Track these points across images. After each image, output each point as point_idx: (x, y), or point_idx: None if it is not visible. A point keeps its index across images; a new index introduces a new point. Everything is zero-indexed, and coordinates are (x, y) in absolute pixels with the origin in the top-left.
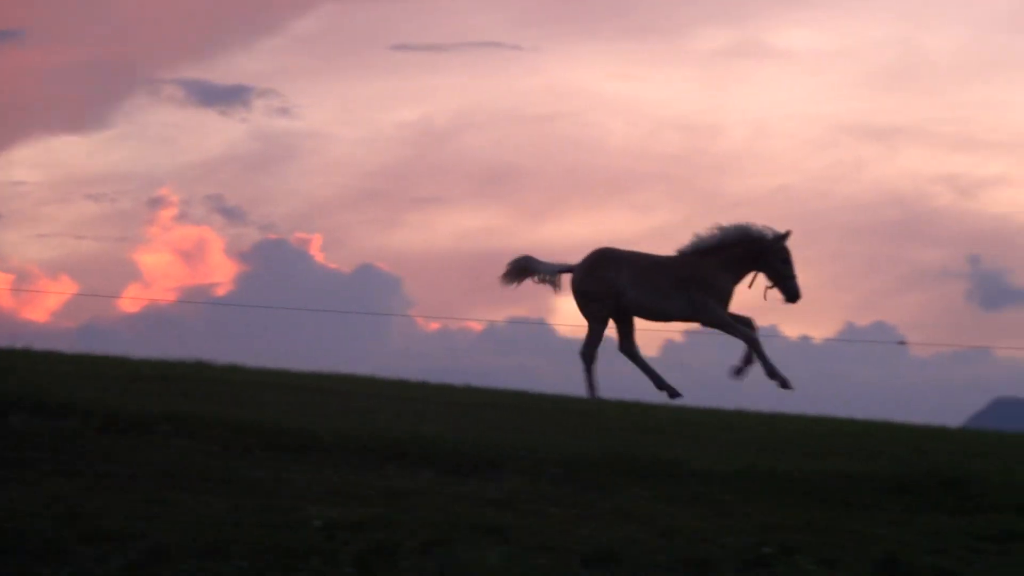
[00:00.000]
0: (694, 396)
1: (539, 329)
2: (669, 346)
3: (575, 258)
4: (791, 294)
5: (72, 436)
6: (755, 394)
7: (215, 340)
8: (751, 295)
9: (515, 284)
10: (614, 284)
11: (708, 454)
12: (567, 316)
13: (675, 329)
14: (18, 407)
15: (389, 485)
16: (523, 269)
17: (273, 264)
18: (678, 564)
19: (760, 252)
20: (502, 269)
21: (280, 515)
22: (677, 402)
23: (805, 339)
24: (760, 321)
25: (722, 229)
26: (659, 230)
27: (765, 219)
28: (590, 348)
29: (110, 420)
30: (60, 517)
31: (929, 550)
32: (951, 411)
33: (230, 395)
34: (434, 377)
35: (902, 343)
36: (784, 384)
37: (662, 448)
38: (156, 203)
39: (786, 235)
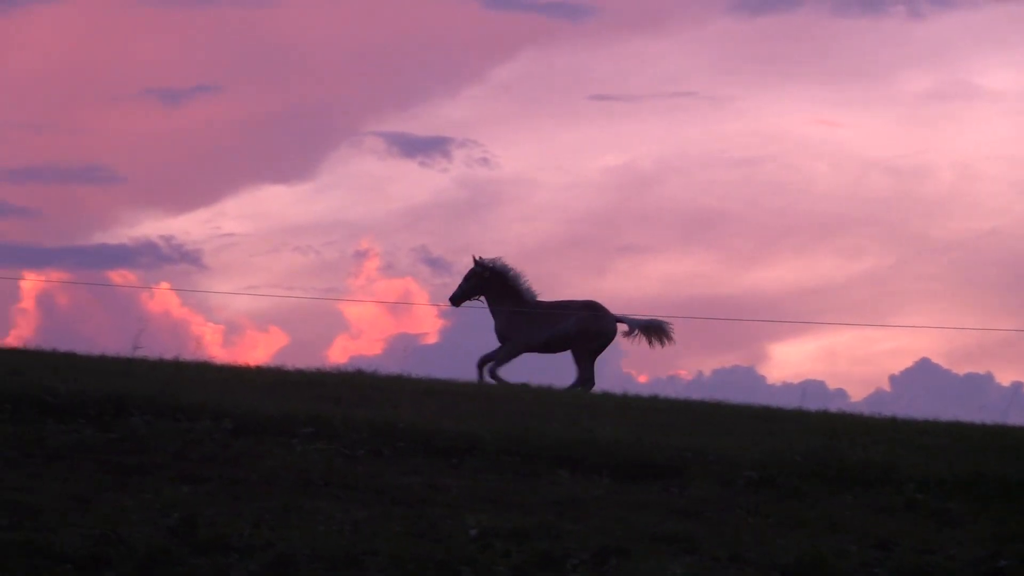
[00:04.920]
0: (900, 407)
1: (746, 376)
2: None
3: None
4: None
5: (201, 439)
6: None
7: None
8: None
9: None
10: None
11: (926, 460)
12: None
13: None
14: (143, 409)
15: (559, 492)
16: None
17: (477, 313)
18: None
19: None
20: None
21: (430, 524)
22: (885, 412)
23: (1017, 384)
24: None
25: None
26: (869, 274)
27: (975, 263)
28: None
29: (245, 422)
30: (176, 526)
31: None
32: None
33: (386, 400)
34: None
35: None
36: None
37: (872, 453)
38: (361, 255)
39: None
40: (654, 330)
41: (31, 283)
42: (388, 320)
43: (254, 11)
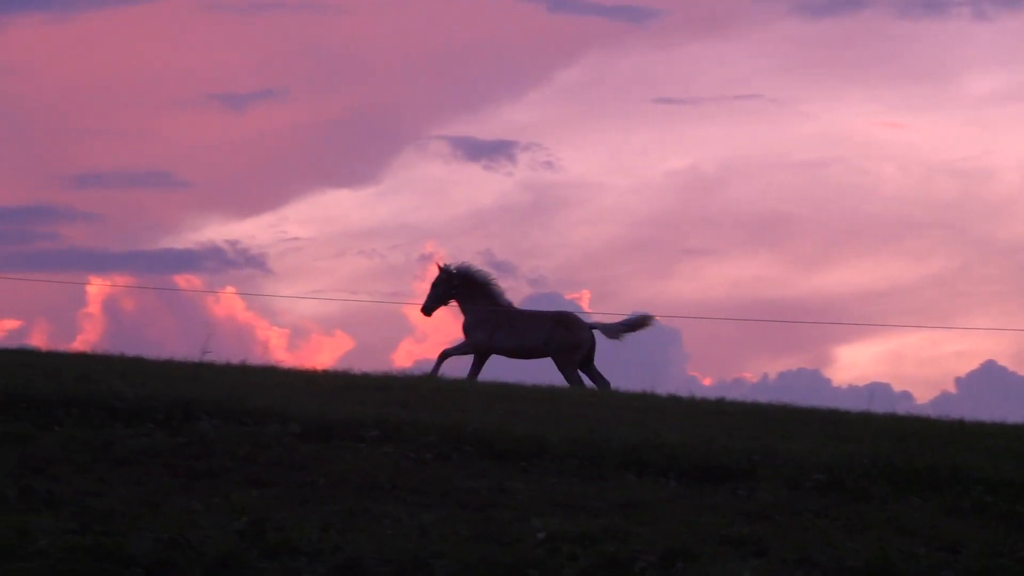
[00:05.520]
0: (966, 409)
1: (812, 378)
2: None
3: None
4: None
5: (268, 443)
6: None
7: None
8: None
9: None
10: None
11: (994, 463)
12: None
13: None
14: (211, 413)
15: (626, 495)
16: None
17: None
18: None
19: None
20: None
21: (497, 527)
22: (951, 415)
23: None
24: None
25: None
26: (936, 277)
27: None
28: None
29: (312, 426)
30: (244, 530)
31: None
32: None
33: (452, 404)
34: None
35: None
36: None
37: (940, 455)
38: (426, 258)
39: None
40: (636, 325)
41: (97, 288)
42: (454, 324)
43: (318, 16)
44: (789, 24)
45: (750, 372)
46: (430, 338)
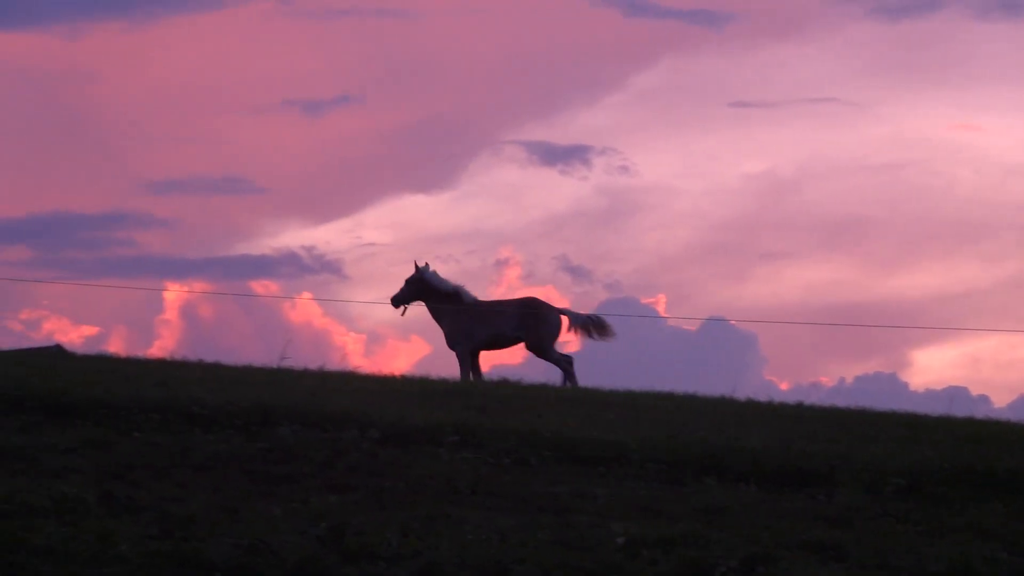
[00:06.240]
0: None
1: (889, 382)
2: None
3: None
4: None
5: (347, 449)
6: None
7: None
8: None
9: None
10: None
11: None
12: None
13: None
14: (290, 418)
15: (706, 500)
16: None
17: (620, 322)
18: None
19: None
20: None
21: (577, 532)
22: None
23: None
24: None
25: None
26: (1012, 279)
27: None
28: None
29: (391, 432)
30: (324, 535)
31: None
32: None
33: (530, 409)
34: None
35: None
36: None
37: (1020, 460)
38: (502, 263)
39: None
40: (599, 327)
41: (174, 294)
42: None
43: (394, 21)
44: (865, 27)
45: (827, 376)
46: None
